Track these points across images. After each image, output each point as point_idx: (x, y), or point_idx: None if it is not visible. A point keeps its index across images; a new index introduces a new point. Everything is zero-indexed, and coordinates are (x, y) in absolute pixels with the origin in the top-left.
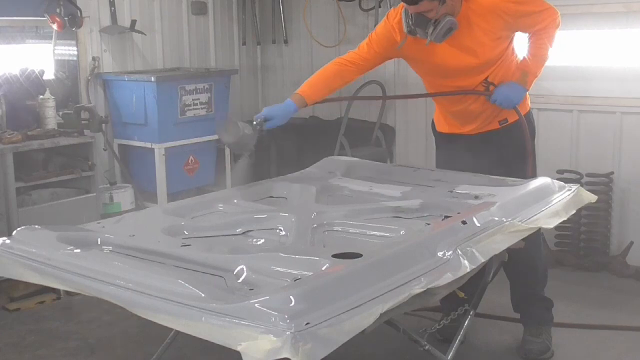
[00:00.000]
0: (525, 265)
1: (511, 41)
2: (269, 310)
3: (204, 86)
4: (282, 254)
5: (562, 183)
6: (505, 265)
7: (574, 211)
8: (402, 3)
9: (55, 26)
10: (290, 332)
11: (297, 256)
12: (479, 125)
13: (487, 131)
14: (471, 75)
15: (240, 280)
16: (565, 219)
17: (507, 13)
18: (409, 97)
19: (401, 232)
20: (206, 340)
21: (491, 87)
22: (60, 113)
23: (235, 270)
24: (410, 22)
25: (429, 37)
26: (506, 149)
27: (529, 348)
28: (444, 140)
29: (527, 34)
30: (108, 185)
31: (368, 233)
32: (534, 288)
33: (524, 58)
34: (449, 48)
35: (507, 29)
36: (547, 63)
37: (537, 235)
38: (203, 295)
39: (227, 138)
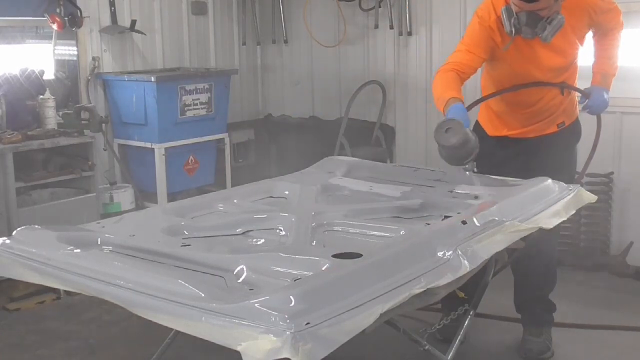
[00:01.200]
0: (536, 267)
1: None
2: (269, 310)
3: (204, 86)
4: (282, 254)
5: (562, 183)
6: (515, 266)
7: (574, 211)
8: (495, 1)
9: (55, 26)
10: (290, 332)
11: (297, 256)
12: (540, 127)
13: (544, 135)
14: (556, 75)
15: (240, 280)
16: (565, 219)
17: (594, 9)
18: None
19: (401, 232)
20: (206, 340)
21: (565, 90)
22: (60, 113)
23: (235, 270)
24: (515, 22)
25: (543, 35)
26: (559, 153)
27: (529, 348)
28: (491, 145)
29: (593, 35)
30: (108, 185)
31: (368, 233)
32: (542, 291)
33: (598, 60)
34: (543, 48)
35: (589, 25)
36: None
37: (554, 238)
38: (203, 295)
39: (452, 139)
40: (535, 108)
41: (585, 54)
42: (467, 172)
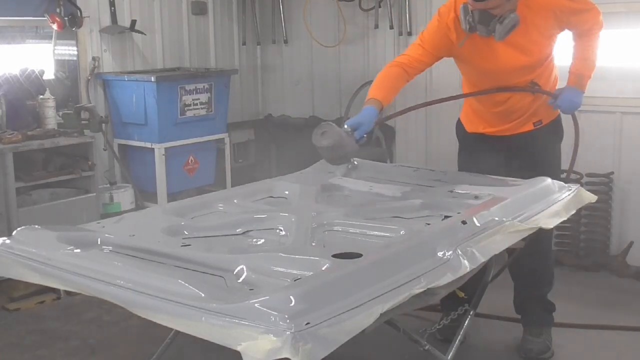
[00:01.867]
0: (532, 268)
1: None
2: (269, 310)
3: (204, 86)
4: (282, 254)
5: (562, 183)
6: (512, 267)
7: (574, 211)
8: (456, 0)
9: (55, 26)
10: (291, 332)
11: (297, 256)
12: (515, 125)
13: (520, 133)
14: (522, 74)
15: (240, 280)
16: (565, 219)
17: (560, 10)
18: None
19: (401, 232)
20: (206, 340)
21: (536, 88)
22: (60, 113)
23: (235, 270)
24: (470, 20)
25: (496, 34)
26: (538, 151)
27: (529, 348)
28: (471, 142)
29: (573, 36)
30: (108, 185)
31: (368, 233)
32: (540, 291)
33: (575, 61)
34: (505, 46)
35: (559, 26)
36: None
37: (547, 239)
38: (203, 295)
39: (323, 142)
40: (505, 107)
41: (564, 55)
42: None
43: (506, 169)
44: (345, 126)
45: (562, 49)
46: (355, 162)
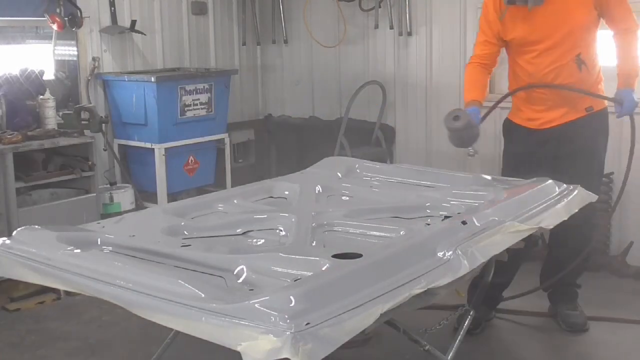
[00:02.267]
0: (577, 242)
1: (597, 26)
2: (269, 311)
3: (204, 86)
4: (282, 254)
5: (562, 183)
6: (554, 240)
7: (574, 211)
8: None
9: (55, 26)
10: (291, 332)
11: (297, 256)
12: (567, 112)
13: (571, 120)
14: (565, 45)
15: (240, 280)
16: (566, 218)
17: None
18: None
19: (401, 233)
20: (206, 341)
21: (582, 67)
22: (60, 113)
23: (236, 271)
24: None
25: (530, 1)
26: (587, 141)
27: (574, 321)
28: (522, 137)
29: (613, 38)
30: (108, 185)
31: (368, 233)
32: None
33: (620, 63)
34: (543, 15)
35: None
36: None
37: (591, 216)
38: (203, 295)
39: (457, 123)
40: (554, 79)
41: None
42: (471, 154)
43: (554, 163)
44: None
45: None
46: (357, 165)
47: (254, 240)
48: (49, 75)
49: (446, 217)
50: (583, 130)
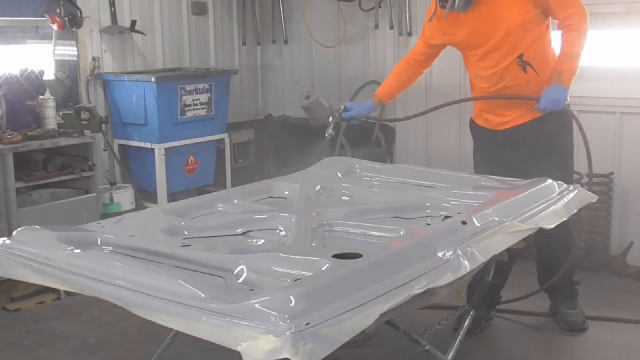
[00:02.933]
0: (557, 242)
1: (547, 26)
2: (269, 311)
3: (204, 86)
4: (282, 254)
5: (562, 183)
6: (539, 246)
7: (574, 211)
8: None
9: (55, 26)
10: (291, 332)
11: (297, 256)
12: (522, 114)
13: (526, 122)
14: (503, 46)
15: (240, 280)
16: (566, 219)
17: None
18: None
19: (401, 233)
20: (206, 341)
21: (527, 68)
22: (60, 113)
23: (235, 271)
24: None
25: (449, 7)
26: (544, 141)
27: (573, 320)
28: (483, 138)
29: (559, 31)
30: (108, 185)
31: (368, 233)
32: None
33: (557, 58)
34: (477, 18)
35: (535, 2)
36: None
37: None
38: (203, 295)
39: (303, 102)
40: (499, 87)
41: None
42: (327, 136)
43: (515, 163)
44: (342, 106)
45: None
46: (357, 165)
47: (254, 240)
48: (49, 75)
49: (446, 217)
50: (541, 131)
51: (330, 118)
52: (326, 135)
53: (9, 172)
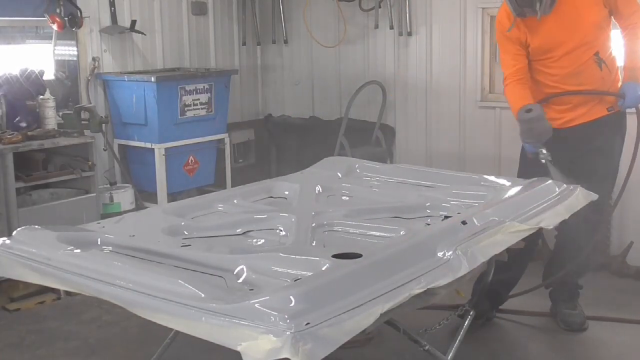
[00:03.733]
0: (577, 242)
1: (610, 23)
2: (269, 310)
3: (204, 86)
4: (282, 254)
5: (562, 183)
6: (558, 239)
7: (574, 211)
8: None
9: (55, 26)
10: (291, 332)
11: (297, 256)
12: (589, 110)
13: (593, 120)
14: (581, 46)
15: (240, 280)
16: (566, 218)
17: None
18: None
19: (401, 233)
20: (206, 341)
21: (603, 65)
22: (60, 113)
23: (236, 271)
24: (516, 5)
25: (539, 10)
26: (605, 142)
27: (572, 320)
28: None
29: (621, 35)
30: (108, 185)
31: (368, 233)
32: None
33: (626, 57)
34: (556, 21)
35: (605, 2)
36: None
37: (599, 213)
38: (203, 295)
39: (527, 115)
40: (575, 85)
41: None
42: (542, 160)
43: (565, 163)
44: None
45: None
46: (357, 165)
47: (254, 240)
48: (49, 75)
49: (446, 217)
50: (602, 130)
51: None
52: (541, 157)
53: (9, 172)
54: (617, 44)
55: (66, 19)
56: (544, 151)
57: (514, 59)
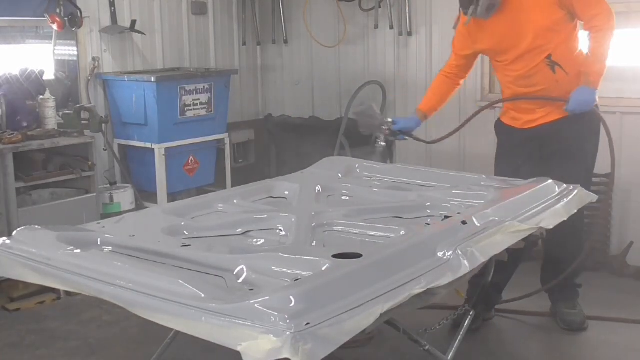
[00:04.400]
0: (569, 240)
1: (574, 27)
2: (269, 311)
3: (204, 86)
4: (282, 254)
5: (562, 183)
6: (547, 243)
7: (574, 211)
8: None
9: (55, 26)
10: (291, 332)
11: (297, 256)
12: (549, 112)
13: (553, 120)
14: (531, 49)
15: (240, 280)
16: (566, 219)
17: None
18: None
19: (401, 232)
20: (206, 341)
21: (556, 68)
22: (60, 113)
23: (236, 271)
24: (460, 5)
25: (470, 14)
26: (569, 141)
27: (572, 320)
28: (508, 136)
29: (587, 34)
30: (108, 185)
31: (368, 233)
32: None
33: (584, 60)
34: (503, 23)
35: (560, 5)
36: None
37: (580, 216)
38: (203, 295)
39: (356, 108)
40: (529, 88)
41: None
42: (377, 147)
43: (538, 162)
44: (390, 120)
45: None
46: (357, 165)
47: (254, 240)
48: (49, 75)
49: (446, 217)
50: (567, 131)
51: (381, 129)
52: (377, 146)
53: (9, 172)
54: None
55: (66, 19)
56: (381, 142)
57: (456, 54)
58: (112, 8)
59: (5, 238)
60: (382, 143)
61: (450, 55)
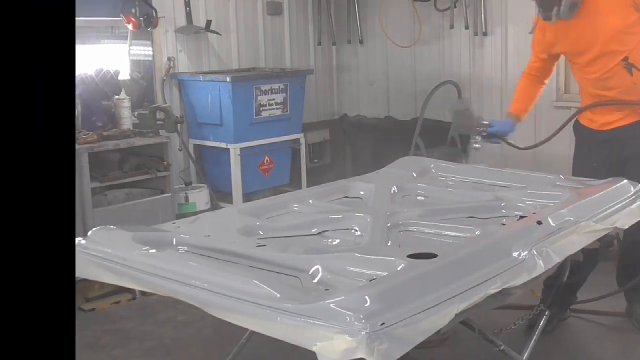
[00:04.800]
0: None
1: None
2: (344, 311)
3: (279, 86)
4: (357, 254)
5: (637, 183)
6: (625, 243)
7: None
8: None
9: (130, 26)
10: (366, 332)
11: (372, 256)
12: (626, 114)
13: (630, 123)
14: (607, 52)
15: (315, 280)
16: None
17: None
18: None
19: (476, 233)
20: (281, 341)
21: (633, 70)
22: (136, 113)
23: (311, 271)
24: (541, 9)
25: (554, 16)
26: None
27: None
28: (586, 138)
29: None
30: (183, 185)
31: (443, 233)
32: None
33: None
34: (580, 25)
35: (634, 5)
36: None
37: None
38: (278, 295)
39: (455, 106)
40: (606, 90)
41: None
42: (474, 148)
43: (616, 163)
44: (486, 121)
45: None
46: (432, 165)
47: (329, 240)
48: (124, 75)
49: (521, 217)
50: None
51: (478, 130)
52: (474, 146)
53: (85, 172)
54: None
55: (141, 19)
56: (477, 145)
57: (536, 56)
58: (188, 8)
59: (80, 238)
60: (477, 145)
61: (530, 56)
